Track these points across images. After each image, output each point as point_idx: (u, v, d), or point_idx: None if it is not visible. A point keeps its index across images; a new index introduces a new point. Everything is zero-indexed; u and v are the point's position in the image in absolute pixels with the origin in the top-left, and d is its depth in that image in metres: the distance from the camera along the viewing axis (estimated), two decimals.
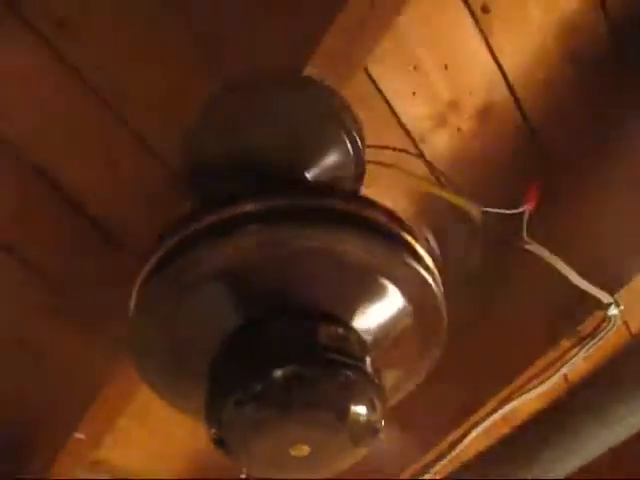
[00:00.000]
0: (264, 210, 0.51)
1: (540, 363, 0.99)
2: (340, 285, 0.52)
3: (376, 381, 0.51)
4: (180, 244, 0.49)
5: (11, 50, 0.79)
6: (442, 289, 0.55)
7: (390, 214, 0.53)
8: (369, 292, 0.52)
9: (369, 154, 0.74)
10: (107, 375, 1.00)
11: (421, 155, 0.91)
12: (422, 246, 0.53)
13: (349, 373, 0.49)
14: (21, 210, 0.92)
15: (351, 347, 0.51)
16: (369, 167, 0.74)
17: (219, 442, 0.51)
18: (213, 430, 0.50)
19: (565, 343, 0.97)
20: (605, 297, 0.91)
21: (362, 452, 0.53)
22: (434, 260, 0.57)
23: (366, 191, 0.76)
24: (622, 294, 0.92)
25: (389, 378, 0.55)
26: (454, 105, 0.98)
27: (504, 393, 1.05)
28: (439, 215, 0.90)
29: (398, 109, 0.96)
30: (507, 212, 0.81)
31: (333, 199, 0.52)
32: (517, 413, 1.14)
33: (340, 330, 0.51)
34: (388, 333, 0.54)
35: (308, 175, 0.67)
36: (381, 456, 0.90)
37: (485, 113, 0.99)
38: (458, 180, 1.03)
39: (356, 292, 0.52)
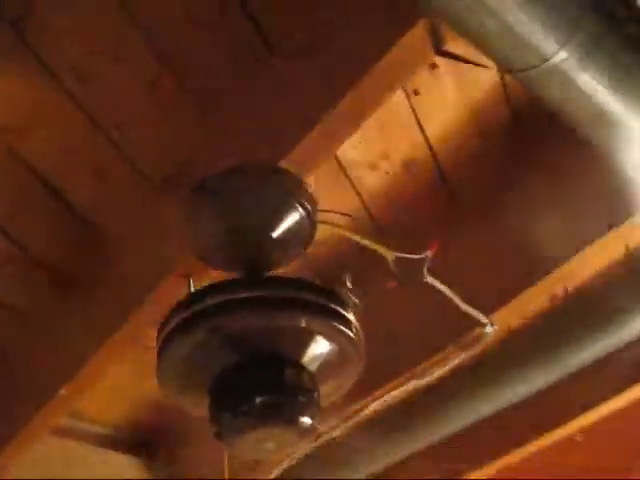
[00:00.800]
0: (223, 303, 0.79)
1: (435, 359, 1.30)
2: (294, 342, 0.81)
3: (317, 400, 0.80)
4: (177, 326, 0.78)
5: None
6: (360, 332, 0.84)
7: (322, 291, 0.81)
8: (311, 344, 0.81)
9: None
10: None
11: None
12: (344, 306, 0.82)
13: (303, 398, 0.78)
14: None
15: (304, 380, 0.79)
16: None
17: (218, 436, 0.79)
18: (214, 429, 0.78)
19: (452, 348, 1.28)
20: (483, 318, 1.22)
21: (305, 444, 0.82)
22: (354, 310, 0.85)
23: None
24: (495, 316, 1.23)
25: (324, 390, 0.84)
26: (385, 155, 1.25)
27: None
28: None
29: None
30: (414, 257, 1.09)
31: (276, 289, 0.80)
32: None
33: (297, 371, 0.79)
34: (324, 366, 0.83)
35: (274, 236, 0.94)
36: None
37: (409, 164, 1.27)
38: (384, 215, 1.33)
39: (304, 345, 0.81)
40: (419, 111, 1.18)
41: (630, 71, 0.76)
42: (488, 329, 1.23)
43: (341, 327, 0.81)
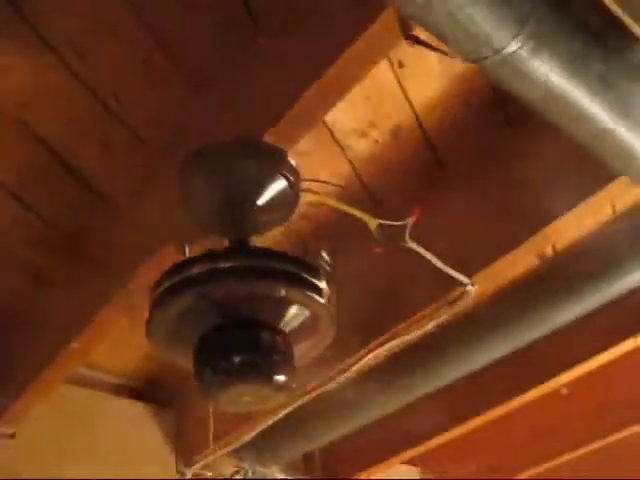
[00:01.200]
0: (209, 271, 0.87)
1: (420, 316, 1.38)
2: (271, 308, 0.89)
3: (291, 360, 0.88)
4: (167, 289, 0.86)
5: None
6: (331, 299, 0.92)
7: (297, 262, 0.89)
8: (286, 310, 0.90)
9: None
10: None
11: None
12: (317, 275, 0.90)
13: (277, 358, 0.86)
14: None
15: (278, 341, 0.88)
16: None
17: (202, 391, 0.88)
18: (198, 384, 0.87)
19: (437, 305, 1.36)
20: (464, 279, 1.29)
21: (281, 399, 0.91)
22: (327, 279, 0.93)
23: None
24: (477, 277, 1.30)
25: (299, 350, 0.92)
26: (373, 124, 1.30)
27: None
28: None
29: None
30: (396, 224, 1.16)
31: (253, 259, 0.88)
32: None
33: (273, 333, 0.88)
34: (298, 329, 0.92)
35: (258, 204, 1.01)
36: None
37: (396, 132, 1.32)
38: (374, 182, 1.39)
39: (280, 311, 0.90)
40: (404, 82, 1.23)
41: (583, 57, 0.81)
42: (469, 288, 1.30)
43: (313, 295, 0.89)
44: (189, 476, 1.88)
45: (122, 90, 1.17)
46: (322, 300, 0.91)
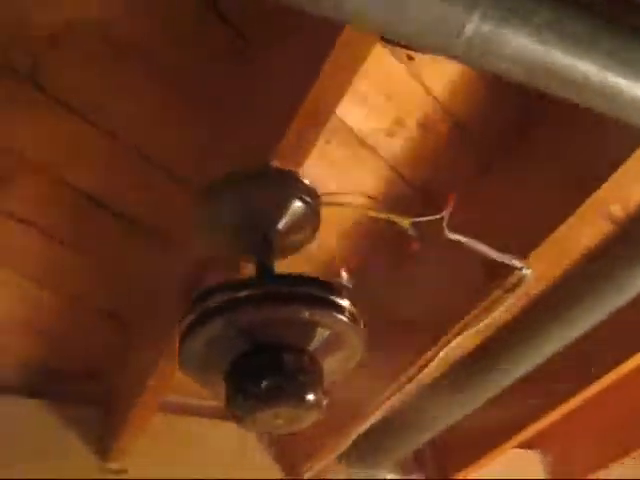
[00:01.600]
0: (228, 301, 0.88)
1: (480, 306, 1.34)
2: (295, 330, 0.91)
3: (319, 378, 0.89)
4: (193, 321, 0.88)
5: None
6: (355, 315, 0.92)
7: (319, 283, 0.89)
8: (310, 331, 0.90)
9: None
10: None
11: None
12: (341, 295, 0.90)
13: (303, 378, 0.87)
14: None
15: (305, 361, 0.89)
16: None
17: (234, 416, 0.90)
18: (231, 411, 0.90)
19: (497, 293, 1.31)
20: (517, 262, 1.24)
21: (314, 417, 0.92)
22: (349, 299, 0.93)
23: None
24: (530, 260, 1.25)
25: (328, 364, 0.93)
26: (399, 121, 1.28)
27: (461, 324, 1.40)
28: None
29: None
30: (431, 218, 1.13)
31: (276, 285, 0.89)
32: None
33: (297, 355, 0.89)
34: (324, 347, 0.93)
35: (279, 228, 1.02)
36: None
37: (425, 124, 1.29)
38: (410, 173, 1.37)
39: (304, 332, 0.91)
40: (419, 73, 1.20)
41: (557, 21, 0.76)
42: (525, 271, 1.25)
43: (335, 314, 0.91)
44: None
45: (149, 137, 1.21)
46: (344, 318, 0.92)
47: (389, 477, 2.09)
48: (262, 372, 0.88)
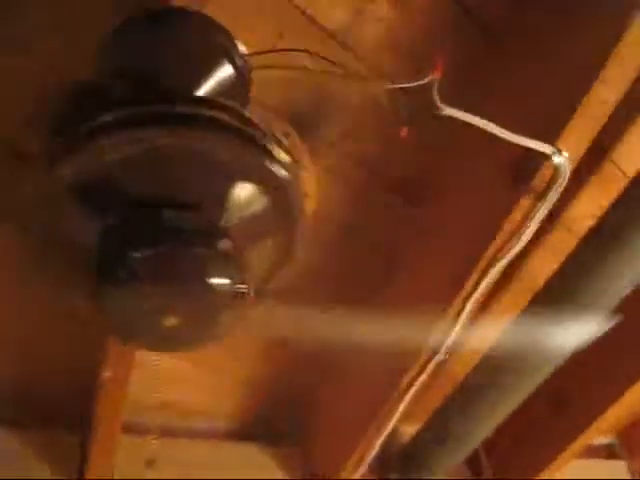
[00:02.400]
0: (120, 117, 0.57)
1: (507, 226, 1.01)
2: (194, 177, 0.59)
3: (230, 253, 0.57)
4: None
5: None
6: (297, 176, 0.61)
7: (244, 118, 0.59)
8: (222, 183, 0.59)
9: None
10: None
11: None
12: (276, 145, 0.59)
13: (201, 250, 0.56)
14: None
15: (202, 228, 0.57)
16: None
17: (99, 312, 0.59)
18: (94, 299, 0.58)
19: (525, 201, 0.98)
20: (546, 148, 0.92)
21: (231, 318, 0.59)
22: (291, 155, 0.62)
23: None
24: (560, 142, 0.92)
25: (257, 250, 0.61)
26: None
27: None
28: None
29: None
30: (413, 84, 0.83)
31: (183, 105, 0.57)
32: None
33: (189, 214, 0.57)
34: (245, 216, 0.61)
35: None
36: None
37: None
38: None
39: (209, 183, 0.59)
40: None
41: None
42: (556, 159, 0.93)
43: (271, 165, 0.59)
44: None
45: None
46: (284, 173, 0.60)
47: None
48: (142, 238, 0.56)
